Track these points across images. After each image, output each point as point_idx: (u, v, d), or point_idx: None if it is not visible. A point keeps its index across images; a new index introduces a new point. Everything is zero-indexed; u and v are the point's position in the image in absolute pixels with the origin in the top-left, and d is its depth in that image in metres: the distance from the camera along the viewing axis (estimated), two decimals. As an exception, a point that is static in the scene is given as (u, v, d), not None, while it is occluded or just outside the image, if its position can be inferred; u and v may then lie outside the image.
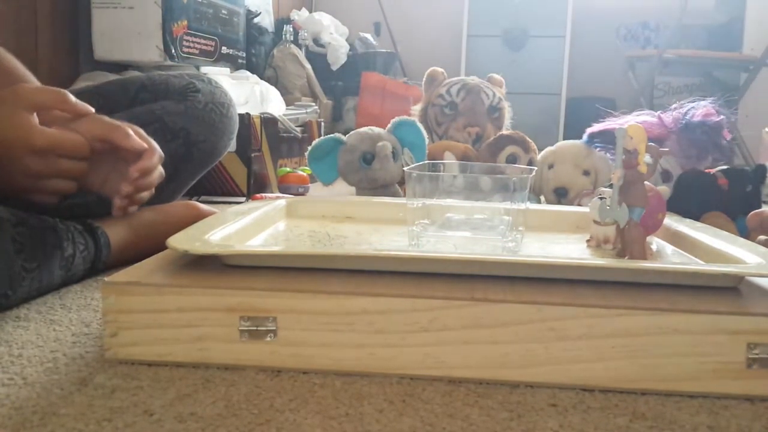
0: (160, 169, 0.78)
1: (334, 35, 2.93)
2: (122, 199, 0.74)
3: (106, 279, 0.54)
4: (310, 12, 3.08)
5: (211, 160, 1.01)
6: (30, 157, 0.67)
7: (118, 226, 0.83)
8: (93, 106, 0.74)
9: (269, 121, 1.70)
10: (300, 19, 2.91)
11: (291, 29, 2.71)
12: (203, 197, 1.46)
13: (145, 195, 0.77)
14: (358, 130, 1.44)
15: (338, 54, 2.88)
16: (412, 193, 0.69)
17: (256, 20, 2.57)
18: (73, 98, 0.70)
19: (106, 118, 0.74)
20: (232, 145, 1.42)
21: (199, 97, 0.97)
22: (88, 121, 0.72)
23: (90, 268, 0.78)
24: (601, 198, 0.70)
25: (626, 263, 0.58)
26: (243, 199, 1.52)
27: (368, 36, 3.22)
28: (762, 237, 0.82)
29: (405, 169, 0.68)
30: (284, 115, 1.85)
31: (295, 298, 0.51)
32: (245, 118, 1.52)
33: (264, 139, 1.64)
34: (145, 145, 0.74)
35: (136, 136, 0.74)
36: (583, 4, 3.34)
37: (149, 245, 0.77)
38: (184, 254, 0.58)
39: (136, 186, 0.74)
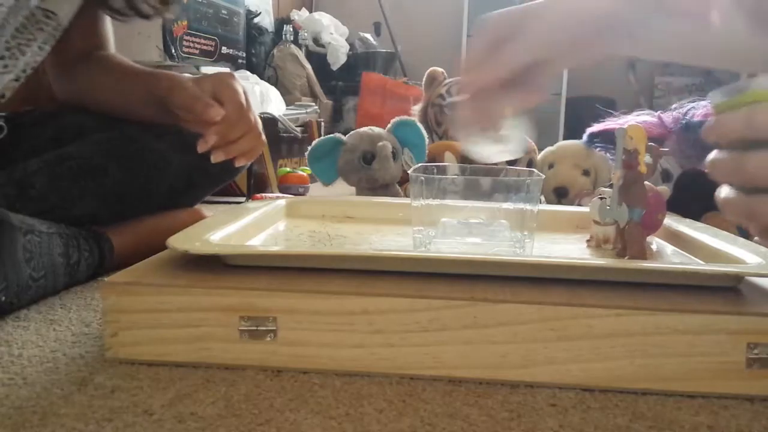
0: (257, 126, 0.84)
1: (334, 35, 2.94)
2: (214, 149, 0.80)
3: (106, 279, 0.54)
4: (310, 12, 3.09)
5: (226, 175, 1.01)
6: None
7: (122, 232, 0.84)
8: None
9: (269, 122, 1.70)
10: (300, 19, 2.92)
11: (291, 29, 2.71)
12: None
13: (247, 149, 0.83)
14: (358, 130, 1.44)
15: (338, 54, 2.88)
16: (418, 196, 0.67)
17: (256, 20, 2.57)
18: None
19: (191, 89, 0.80)
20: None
21: None
22: (178, 91, 0.81)
23: (93, 274, 0.78)
24: (601, 198, 0.70)
25: (626, 263, 0.58)
26: (243, 199, 1.52)
27: (368, 36, 3.22)
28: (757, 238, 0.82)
29: (410, 172, 0.67)
30: (284, 115, 1.86)
31: (295, 298, 0.51)
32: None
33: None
34: (218, 118, 0.77)
35: (216, 101, 0.79)
36: (583, 4, 3.33)
37: (153, 251, 0.77)
38: (184, 254, 0.58)
39: (228, 149, 0.80)
